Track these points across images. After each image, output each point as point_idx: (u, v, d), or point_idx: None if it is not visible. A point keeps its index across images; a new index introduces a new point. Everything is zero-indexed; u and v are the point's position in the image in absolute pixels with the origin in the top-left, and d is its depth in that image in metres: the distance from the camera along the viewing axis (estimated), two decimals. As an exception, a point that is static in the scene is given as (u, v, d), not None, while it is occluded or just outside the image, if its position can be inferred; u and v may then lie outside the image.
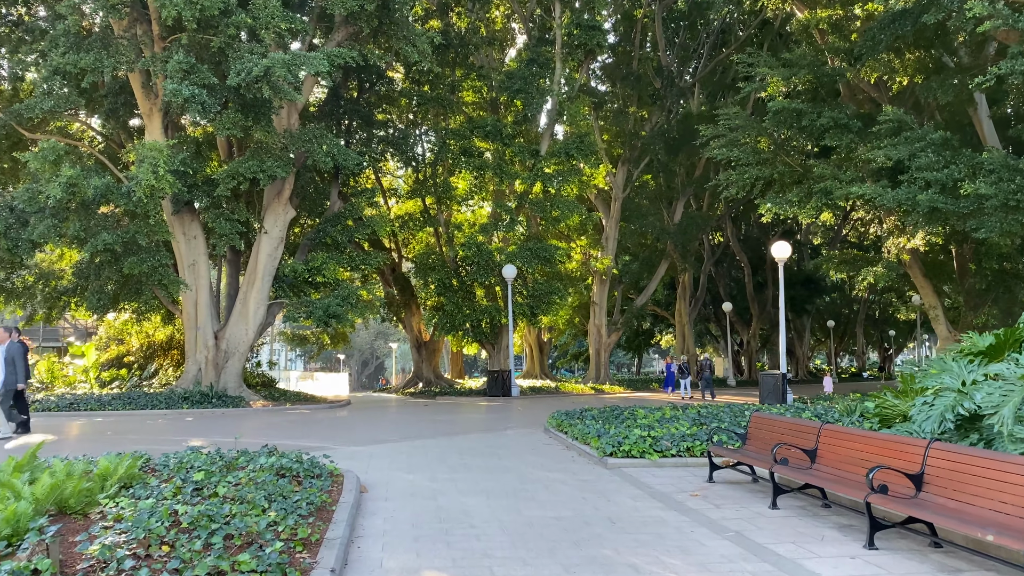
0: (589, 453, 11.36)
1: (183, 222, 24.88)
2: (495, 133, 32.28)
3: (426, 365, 40.73)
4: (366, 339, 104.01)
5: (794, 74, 24.32)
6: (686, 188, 43.05)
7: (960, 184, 19.50)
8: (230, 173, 22.37)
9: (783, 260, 25.95)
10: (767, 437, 9.06)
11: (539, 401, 27.34)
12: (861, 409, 13.01)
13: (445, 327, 33.29)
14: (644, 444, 10.76)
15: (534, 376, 46.98)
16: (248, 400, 24.50)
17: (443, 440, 13.76)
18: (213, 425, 17.41)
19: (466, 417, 19.73)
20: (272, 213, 25.22)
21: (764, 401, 24.50)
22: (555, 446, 12.94)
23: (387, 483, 9.17)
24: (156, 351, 34.53)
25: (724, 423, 12.95)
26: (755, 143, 26.43)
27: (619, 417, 14.55)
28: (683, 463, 10.63)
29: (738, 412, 15.12)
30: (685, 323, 49.77)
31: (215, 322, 25.74)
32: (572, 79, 35.79)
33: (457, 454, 11.79)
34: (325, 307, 24.11)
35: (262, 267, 25.17)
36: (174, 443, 12.90)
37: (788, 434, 8.53)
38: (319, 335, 48.19)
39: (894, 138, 22.08)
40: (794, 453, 8.09)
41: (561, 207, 32.70)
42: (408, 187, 36.92)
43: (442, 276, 33.21)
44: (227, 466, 8.20)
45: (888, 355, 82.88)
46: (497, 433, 15.04)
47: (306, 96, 25.71)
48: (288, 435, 14.86)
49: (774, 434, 8.90)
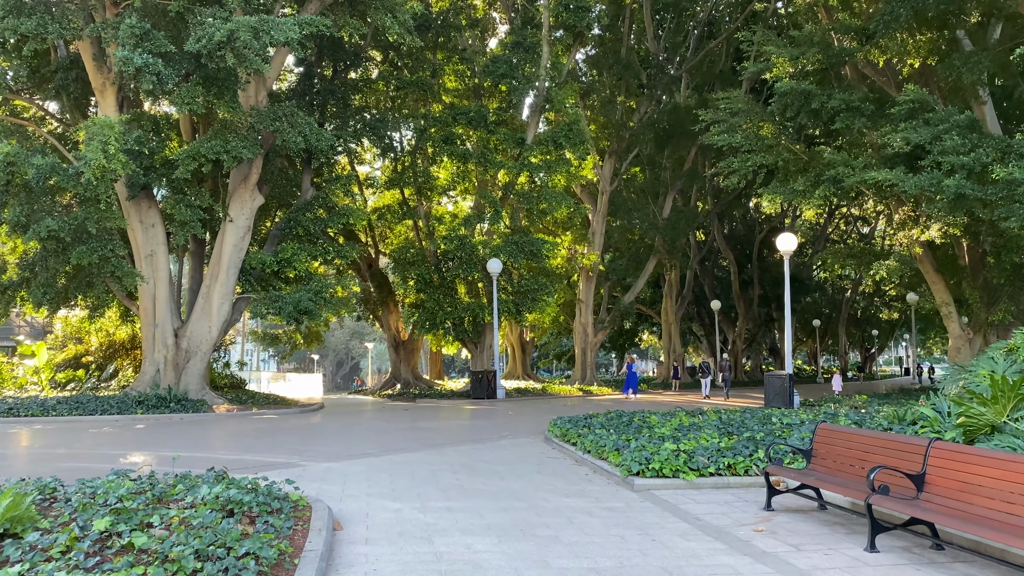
0: (608, 471, 9.53)
1: (140, 209, 22.70)
2: (479, 120, 30.37)
3: (404, 365, 38.72)
4: (341, 339, 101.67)
5: (802, 53, 22.68)
6: (675, 182, 41.43)
7: (990, 169, 17.95)
8: (190, 154, 20.25)
9: (788, 253, 24.38)
10: (840, 455, 7.28)
11: (527, 404, 25.48)
12: (914, 416, 11.31)
13: (425, 325, 31.31)
14: (677, 461, 8.94)
15: (516, 376, 45.17)
16: (211, 404, 22.40)
17: (431, 453, 11.85)
18: (165, 435, 15.36)
19: (452, 423, 17.82)
20: (238, 200, 23.11)
21: (770, 403, 22.92)
22: (562, 461, 11.08)
23: (367, 515, 7.26)
24: (117, 351, 32.28)
25: (755, 431, 11.19)
26: (757, 129, 24.77)
27: (630, 424, 12.75)
28: (723, 483, 8.83)
29: (763, 419, 13.37)
30: (672, 322, 48.21)
31: (175, 319, 23.60)
32: (560, 64, 33.98)
33: (450, 472, 9.90)
34: (295, 302, 22.03)
35: (227, 258, 23.06)
36: (109, 459, 10.86)
37: (876, 452, 6.75)
38: (291, 334, 45.98)
39: (912, 121, 20.53)
40: (891, 478, 6.31)
41: (548, 199, 30.88)
42: (386, 177, 34.86)
43: (422, 271, 31.24)
44: (157, 499, 6.25)
45: (870, 355, 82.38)
46: (491, 444, 13.15)
47: (276, 72, 23.65)
48: (250, 447, 12.87)
49: (852, 451, 7.12)
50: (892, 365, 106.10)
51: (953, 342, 24.95)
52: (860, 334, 76.28)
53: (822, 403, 23.96)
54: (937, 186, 18.60)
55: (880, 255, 25.17)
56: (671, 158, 41.13)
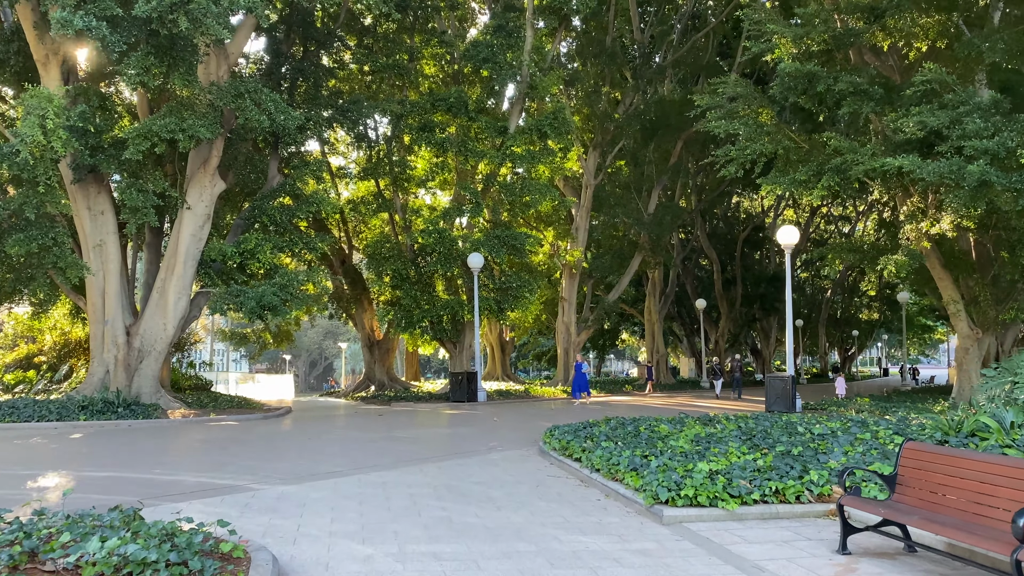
0: (625, 496, 7.83)
1: (87, 194, 20.65)
2: (459, 106, 28.56)
3: (379, 366, 36.80)
4: (314, 338, 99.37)
5: (807, 33, 21.16)
6: (660, 177, 39.94)
7: (1018, 153, 16.53)
8: (142, 132, 18.25)
9: (790, 247, 22.99)
10: (941, 484, 5.65)
11: (511, 408, 23.75)
12: (971, 426, 9.76)
13: (401, 324, 29.43)
14: (714, 486, 7.27)
15: (496, 377, 43.41)
16: (166, 409, 20.41)
17: (409, 471, 10.08)
18: (102, 446, 13.43)
19: (432, 432, 16.04)
20: (197, 185, 21.12)
21: (771, 407, 21.44)
22: (566, 481, 9.37)
23: (327, 568, 5.50)
24: (72, 350, 30.19)
25: (786, 444, 9.58)
26: (756, 115, 23.26)
27: (638, 435, 11.09)
28: (771, 513, 7.17)
29: (785, 427, 11.76)
30: (655, 321, 46.70)
31: (128, 315, 21.57)
32: (543, 50, 32.30)
33: (434, 497, 8.14)
34: (258, 297, 20.06)
35: (184, 249, 21.08)
36: (13, 483, 8.94)
37: (1002, 483, 5.12)
38: (260, 333, 43.90)
39: (926, 104, 19.09)
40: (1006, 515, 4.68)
41: (532, 191, 29.14)
42: (360, 168, 32.91)
43: (398, 267, 29.35)
44: (29, 555, 4.45)
45: (849, 355, 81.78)
46: (480, 458, 11.38)
47: (239, 47, 21.70)
48: (195, 464, 11.01)
49: (958, 479, 5.50)
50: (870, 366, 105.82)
51: (961, 342, 23.58)
52: (839, 334, 75.64)
53: (827, 406, 22.54)
54: (958, 173, 17.15)
55: (884, 250, 23.75)
56: (656, 152, 39.64)
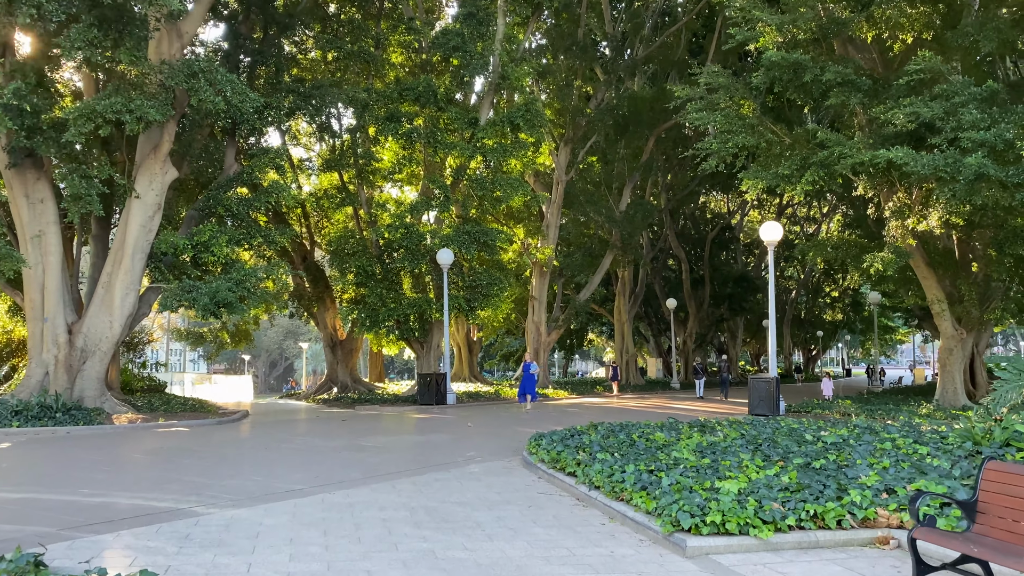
0: (636, 520, 6.74)
1: (25, 180, 19.01)
2: (427, 96, 27.28)
3: (342, 367, 35.34)
4: (274, 338, 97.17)
5: (794, 21, 20.35)
6: (633, 174, 39.11)
7: (1017, 146, 15.85)
8: (84, 113, 16.71)
9: (773, 243, 22.16)
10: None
11: (483, 411, 22.59)
12: (1005, 435, 8.86)
13: (366, 323, 28.04)
14: (744, 510, 6.21)
15: (463, 379, 42.19)
16: (111, 413, 18.87)
17: (381, 489, 8.86)
18: (27, 458, 11.98)
19: (403, 440, 14.81)
20: (146, 172, 19.58)
21: (755, 409, 20.59)
22: (560, 500, 8.24)
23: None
24: (15, 350, 28.38)
25: (792, 452, 8.58)
26: (738, 107, 22.42)
27: (633, 445, 10.04)
28: (811, 542, 6.14)
29: (789, 433, 10.78)
30: (624, 321, 45.93)
31: (70, 312, 19.95)
32: (516, 39, 31.20)
33: (411, 524, 6.96)
34: (212, 293, 18.59)
35: (132, 241, 19.53)
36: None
37: None
38: (218, 332, 42.12)
39: (915, 96, 18.39)
40: None
41: (504, 186, 27.99)
42: (323, 159, 31.43)
43: (363, 263, 27.95)
44: None
45: (812, 355, 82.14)
46: (458, 471, 10.19)
47: (194, 25, 20.19)
48: (133, 481, 9.66)
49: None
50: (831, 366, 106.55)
51: (944, 342, 23.00)
52: (803, 335, 75.91)
53: (811, 409, 21.75)
54: (954, 166, 16.43)
55: (867, 248, 23.07)
56: (628, 148, 38.83)
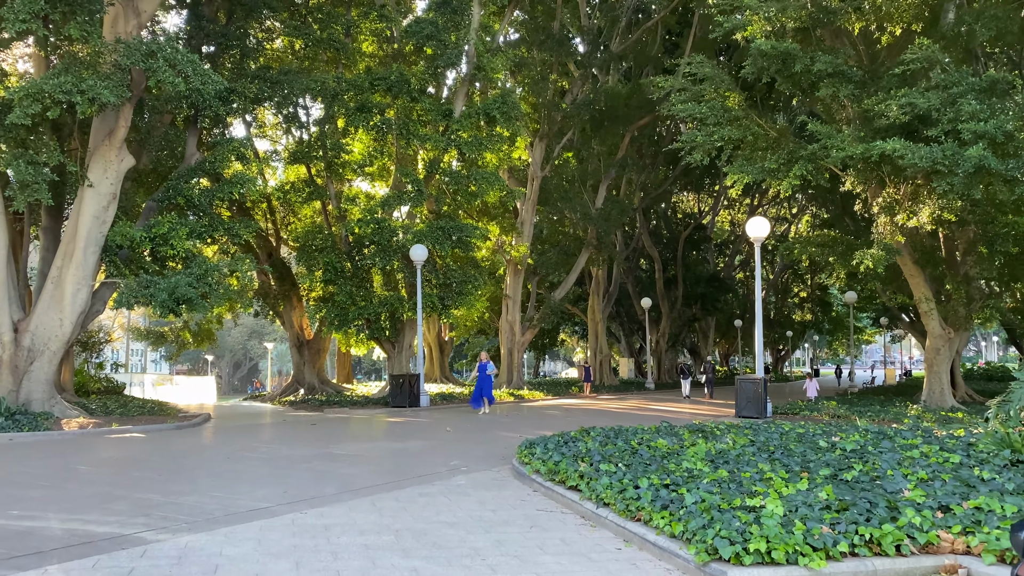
0: (660, 546, 5.83)
1: (-34, 168, 17.63)
2: (400, 86, 26.20)
3: (308, 368, 34.08)
4: (238, 338, 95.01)
5: (783, 9, 19.69)
6: (609, 171, 38.39)
7: (1020, 136, 15.31)
8: (31, 93, 15.42)
9: (760, 240, 21.47)
10: None
11: (459, 414, 21.59)
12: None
13: (334, 323, 26.84)
14: (792, 535, 5.32)
15: (435, 379, 41.10)
16: (60, 418, 17.56)
17: (360, 507, 7.82)
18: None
19: (379, 446, 13.76)
20: (100, 159, 18.27)
21: (742, 412, 19.91)
22: (563, 518, 7.29)
23: None
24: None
25: (811, 461, 7.75)
26: (723, 99, 21.74)
27: (635, 452, 9.15)
28: (870, 572, 5.27)
29: (800, 439, 9.98)
30: (599, 320, 45.26)
31: (16, 309, 18.56)
32: (491, 29, 30.24)
33: (399, 552, 5.97)
34: (171, 289, 17.35)
35: (85, 233, 18.21)
36: None
37: None
38: (179, 332, 40.54)
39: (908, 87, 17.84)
40: None
41: (479, 180, 27.01)
42: (290, 151, 30.16)
43: (331, 260, 26.75)
44: None
45: (781, 356, 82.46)
46: (443, 484, 9.18)
47: (154, 4, 18.92)
48: (71, 500, 8.51)
49: None
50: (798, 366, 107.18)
51: (931, 342, 22.52)
52: (773, 335, 76.16)
53: (798, 410, 21.10)
54: (952, 158, 15.84)
55: (855, 245, 22.52)
56: (604, 145, 38.14)
